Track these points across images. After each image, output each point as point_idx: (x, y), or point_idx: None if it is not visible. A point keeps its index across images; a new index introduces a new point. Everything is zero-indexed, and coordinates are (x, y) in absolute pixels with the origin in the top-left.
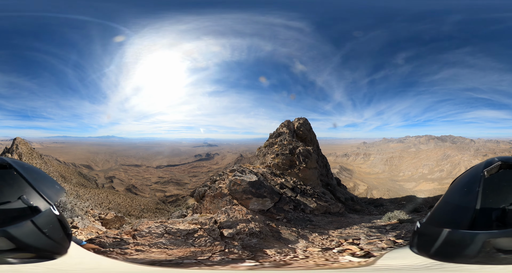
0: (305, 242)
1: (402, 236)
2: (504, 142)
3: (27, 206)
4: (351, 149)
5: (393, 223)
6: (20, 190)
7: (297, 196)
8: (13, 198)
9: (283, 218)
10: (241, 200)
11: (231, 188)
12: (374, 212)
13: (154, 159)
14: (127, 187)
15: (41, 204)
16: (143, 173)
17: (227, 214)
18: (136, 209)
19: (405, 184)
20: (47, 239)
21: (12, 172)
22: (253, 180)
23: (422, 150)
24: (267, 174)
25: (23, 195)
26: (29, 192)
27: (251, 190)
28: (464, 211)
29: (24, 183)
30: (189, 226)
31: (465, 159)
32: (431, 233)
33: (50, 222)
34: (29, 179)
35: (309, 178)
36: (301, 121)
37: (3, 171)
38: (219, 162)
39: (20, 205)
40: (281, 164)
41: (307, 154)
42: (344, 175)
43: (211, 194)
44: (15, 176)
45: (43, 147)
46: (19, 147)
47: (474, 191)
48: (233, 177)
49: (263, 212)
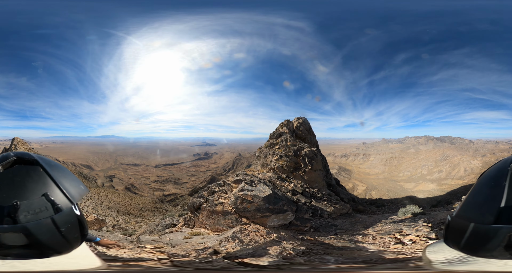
0: (369, 245)
1: (429, 224)
2: (503, 143)
3: (50, 203)
4: (350, 150)
5: (409, 217)
6: (45, 188)
7: (311, 202)
8: (37, 195)
9: (310, 228)
10: (254, 219)
11: (238, 206)
12: (377, 212)
13: (153, 158)
14: (127, 186)
15: (64, 203)
16: (142, 172)
17: (238, 240)
18: (135, 208)
19: (404, 185)
20: (61, 238)
21: (38, 168)
22: (268, 194)
23: (421, 151)
24: (275, 180)
25: (47, 193)
26: (53, 190)
27: (268, 207)
28: (490, 205)
29: (49, 180)
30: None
31: (464, 160)
32: (460, 227)
33: (69, 221)
34: (54, 177)
35: (315, 180)
36: (301, 120)
37: (30, 167)
38: (218, 161)
39: (43, 203)
40: (286, 167)
41: (312, 155)
42: (342, 176)
43: (208, 209)
44: (41, 172)
45: (42, 147)
46: (17, 147)
47: (501, 185)
48: (241, 192)
49: (285, 226)
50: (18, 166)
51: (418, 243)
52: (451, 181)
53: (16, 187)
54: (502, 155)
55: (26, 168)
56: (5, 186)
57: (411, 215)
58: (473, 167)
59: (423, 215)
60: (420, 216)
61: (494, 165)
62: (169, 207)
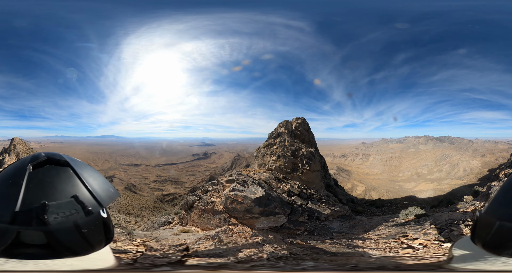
0: (371, 250)
1: (437, 225)
2: (502, 143)
3: (80, 206)
4: (349, 150)
5: (412, 219)
6: (74, 190)
7: (308, 204)
8: (66, 198)
9: (303, 232)
10: (242, 219)
11: (228, 206)
12: (377, 213)
13: (152, 158)
14: (127, 186)
15: (93, 206)
16: (142, 172)
17: (218, 239)
18: (135, 207)
19: (404, 185)
20: (82, 240)
21: (68, 170)
22: (259, 196)
23: (421, 151)
24: (271, 181)
25: (77, 195)
26: (83, 192)
27: (258, 209)
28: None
29: (78, 182)
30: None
31: (463, 160)
32: (487, 224)
33: (93, 224)
34: (84, 179)
35: (313, 181)
36: (299, 121)
37: (61, 168)
38: (216, 161)
39: (72, 205)
40: (283, 167)
41: (310, 156)
42: (341, 176)
43: (200, 207)
44: (71, 174)
45: (41, 147)
46: (16, 147)
47: None
48: (232, 192)
49: (275, 229)
50: (48, 167)
51: (431, 247)
52: (451, 180)
53: (45, 188)
54: (501, 155)
55: (57, 169)
56: (34, 186)
57: (414, 217)
58: (472, 167)
59: (427, 217)
60: (424, 218)
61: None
62: (168, 207)
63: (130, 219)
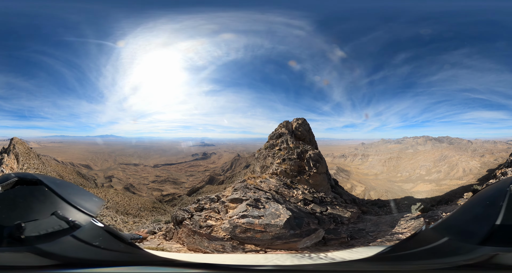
0: None
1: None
2: (502, 143)
3: (64, 221)
4: (349, 150)
5: (422, 214)
6: (53, 206)
7: (327, 210)
8: (45, 215)
9: (347, 238)
10: (270, 245)
11: (237, 235)
12: (380, 213)
13: (151, 158)
14: (125, 186)
15: (81, 218)
16: (140, 172)
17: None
18: (133, 208)
19: (403, 185)
20: (104, 251)
21: (43, 188)
22: (287, 218)
23: (420, 151)
24: (282, 190)
25: (57, 211)
26: (65, 207)
27: (294, 233)
28: (481, 223)
29: (57, 199)
30: None
31: (462, 160)
32: (430, 238)
33: (98, 235)
34: (62, 194)
35: (320, 184)
36: (300, 121)
37: (33, 187)
38: (216, 161)
39: (55, 221)
40: (289, 171)
41: (317, 158)
42: (341, 176)
43: (191, 228)
44: (46, 192)
45: (40, 147)
46: (16, 146)
47: (498, 205)
48: (242, 219)
49: (322, 242)
50: (19, 187)
51: None
52: (450, 181)
53: (18, 208)
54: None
55: (29, 189)
56: (5, 207)
57: (421, 212)
58: (471, 167)
59: (434, 211)
60: (431, 211)
61: (492, 185)
62: (167, 207)
63: (128, 220)
